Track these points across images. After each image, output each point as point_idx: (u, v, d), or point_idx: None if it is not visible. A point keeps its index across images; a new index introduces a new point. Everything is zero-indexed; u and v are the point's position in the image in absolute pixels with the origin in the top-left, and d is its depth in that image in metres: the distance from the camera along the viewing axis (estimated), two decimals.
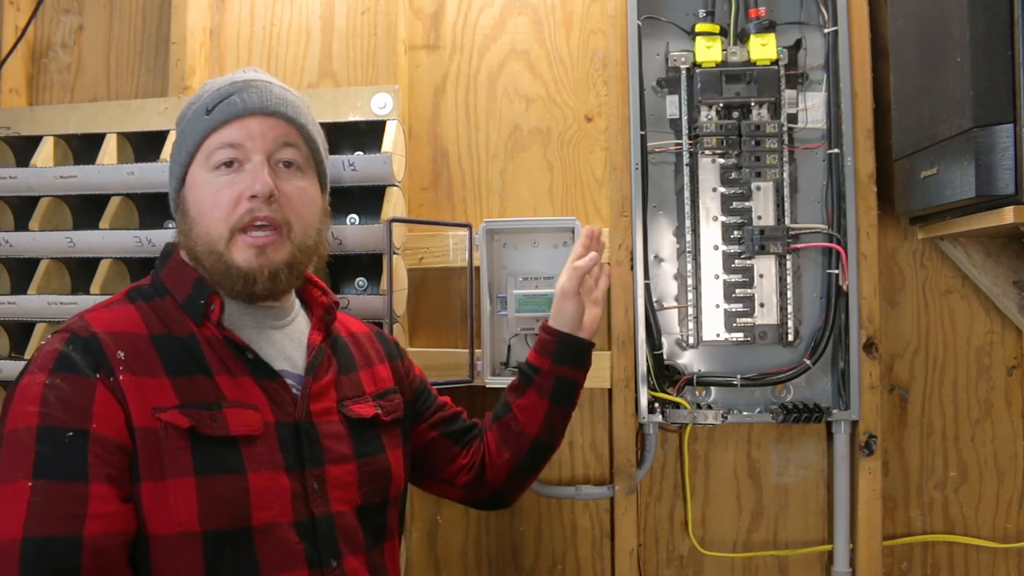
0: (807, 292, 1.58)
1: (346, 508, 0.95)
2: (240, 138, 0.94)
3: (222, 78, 1.02)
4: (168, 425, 0.85)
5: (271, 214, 0.93)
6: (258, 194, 0.92)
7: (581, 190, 1.68)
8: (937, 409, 1.62)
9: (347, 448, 0.98)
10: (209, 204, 0.94)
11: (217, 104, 0.95)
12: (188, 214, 0.96)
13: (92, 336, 0.87)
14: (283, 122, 0.97)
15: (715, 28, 1.57)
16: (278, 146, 0.96)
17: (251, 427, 0.89)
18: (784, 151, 1.56)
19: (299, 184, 0.98)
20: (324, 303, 1.06)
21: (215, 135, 0.95)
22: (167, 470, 0.84)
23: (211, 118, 0.95)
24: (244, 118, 0.95)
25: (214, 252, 0.93)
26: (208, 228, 0.93)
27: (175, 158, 0.99)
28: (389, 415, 1.06)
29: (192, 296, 0.94)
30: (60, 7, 1.82)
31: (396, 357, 1.16)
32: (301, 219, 0.97)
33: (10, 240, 1.53)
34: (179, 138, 0.99)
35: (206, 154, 0.95)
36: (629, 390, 1.57)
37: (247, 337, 0.96)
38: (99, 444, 0.81)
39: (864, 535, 1.53)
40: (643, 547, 1.63)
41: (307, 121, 1.01)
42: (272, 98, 0.97)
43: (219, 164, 0.94)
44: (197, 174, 0.96)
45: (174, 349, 0.91)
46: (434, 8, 1.72)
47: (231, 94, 0.96)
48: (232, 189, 0.93)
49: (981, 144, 1.24)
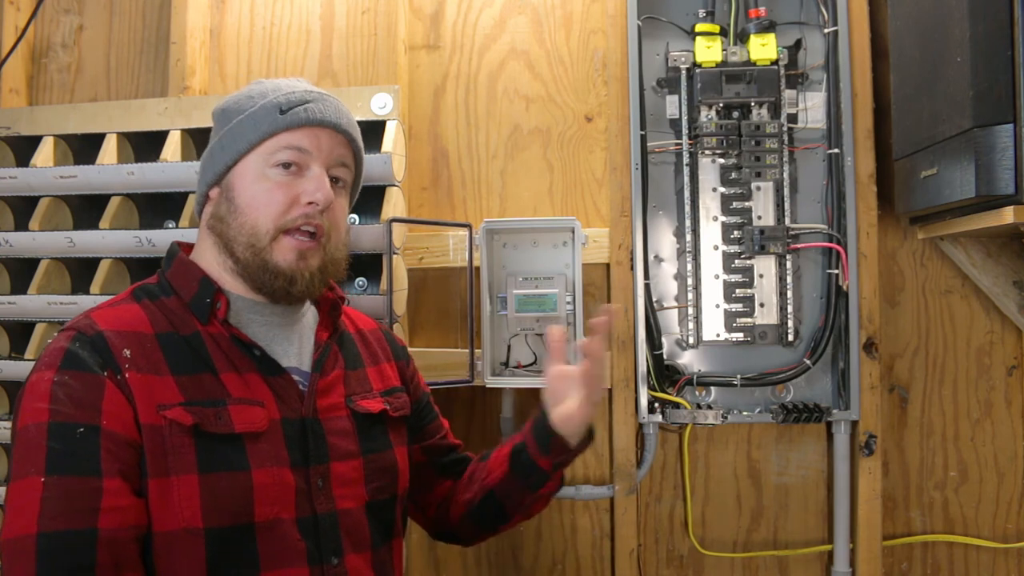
0: (807, 292, 1.58)
1: (353, 505, 0.96)
2: (309, 145, 0.96)
3: (284, 81, 1.02)
4: (172, 422, 0.85)
5: (321, 223, 0.96)
6: (319, 202, 0.95)
7: (581, 190, 1.68)
8: (937, 409, 1.62)
9: (353, 445, 0.98)
10: (263, 198, 0.95)
11: (294, 106, 0.97)
12: (234, 202, 0.96)
13: (98, 334, 0.88)
14: (346, 142, 1.01)
15: (715, 28, 1.57)
16: (336, 163, 1.00)
17: (256, 424, 0.90)
18: (784, 151, 1.56)
19: (342, 202, 1.02)
20: (331, 299, 1.06)
21: (285, 135, 0.96)
22: (171, 467, 0.84)
23: (286, 118, 0.96)
24: (317, 127, 0.97)
25: (255, 246, 0.94)
26: (256, 221, 0.94)
27: (229, 144, 0.98)
28: (397, 411, 1.07)
29: (198, 295, 0.95)
30: (60, 7, 1.82)
31: (403, 359, 1.16)
32: (338, 233, 1.00)
33: (10, 240, 1.53)
34: (238, 127, 0.98)
35: (270, 150, 0.96)
36: (629, 390, 1.57)
37: (254, 334, 0.96)
38: (110, 440, 0.82)
39: (864, 535, 1.53)
40: (643, 547, 1.63)
41: (361, 146, 1.05)
42: (344, 117, 1.01)
43: (279, 163, 0.96)
44: (253, 166, 0.96)
45: (179, 347, 0.91)
46: (434, 8, 1.72)
47: (308, 101, 0.98)
48: (288, 190, 0.95)
49: (981, 144, 1.24)
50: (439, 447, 1.18)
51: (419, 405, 1.16)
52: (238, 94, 1.02)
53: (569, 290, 1.54)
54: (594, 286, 1.64)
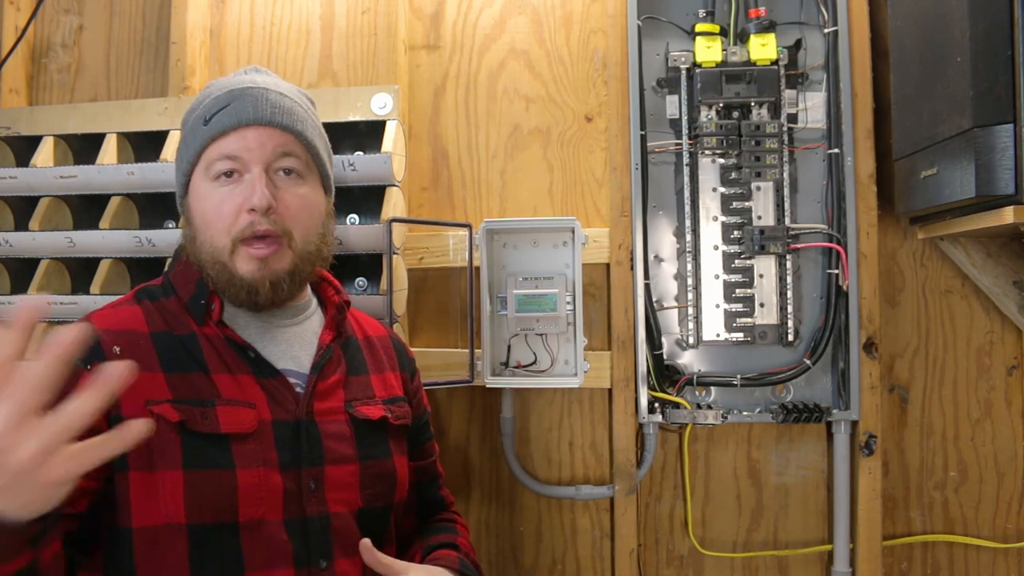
0: (807, 292, 1.58)
1: (345, 510, 0.95)
2: (237, 149, 0.94)
3: (224, 80, 1.01)
4: (160, 418, 0.86)
5: (271, 227, 0.93)
6: (256, 207, 0.92)
7: (581, 190, 1.68)
8: (937, 409, 1.62)
9: (349, 449, 0.97)
10: (212, 215, 0.94)
11: (214, 114, 0.95)
12: (193, 222, 0.97)
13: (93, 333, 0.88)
14: (280, 131, 0.96)
15: (715, 28, 1.57)
16: (276, 156, 0.96)
17: (243, 425, 0.90)
18: (784, 151, 1.56)
19: (299, 191, 0.97)
20: (336, 302, 1.06)
21: (213, 146, 0.95)
22: (156, 462, 0.85)
23: (209, 128, 0.95)
24: (240, 129, 0.94)
25: (219, 262, 0.94)
26: (212, 238, 0.94)
27: (179, 165, 1.00)
28: (398, 420, 1.05)
29: (195, 296, 0.96)
30: (60, 7, 1.82)
31: (408, 371, 1.15)
32: (302, 227, 0.97)
33: (10, 240, 1.53)
34: (181, 144, 1.00)
35: (206, 164, 0.95)
36: (629, 390, 1.57)
37: (251, 336, 0.97)
38: None
39: (864, 535, 1.53)
40: (643, 547, 1.63)
41: (305, 127, 0.99)
42: (267, 107, 0.96)
43: (219, 174, 0.94)
44: (199, 183, 0.96)
45: (173, 346, 0.92)
46: (434, 8, 1.72)
47: (228, 104, 0.95)
48: (232, 200, 0.93)
49: (981, 144, 1.24)
50: (428, 471, 1.16)
51: (419, 422, 1.14)
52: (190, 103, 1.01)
53: (569, 290, 1.54)
54: (594, 286, 1.64)
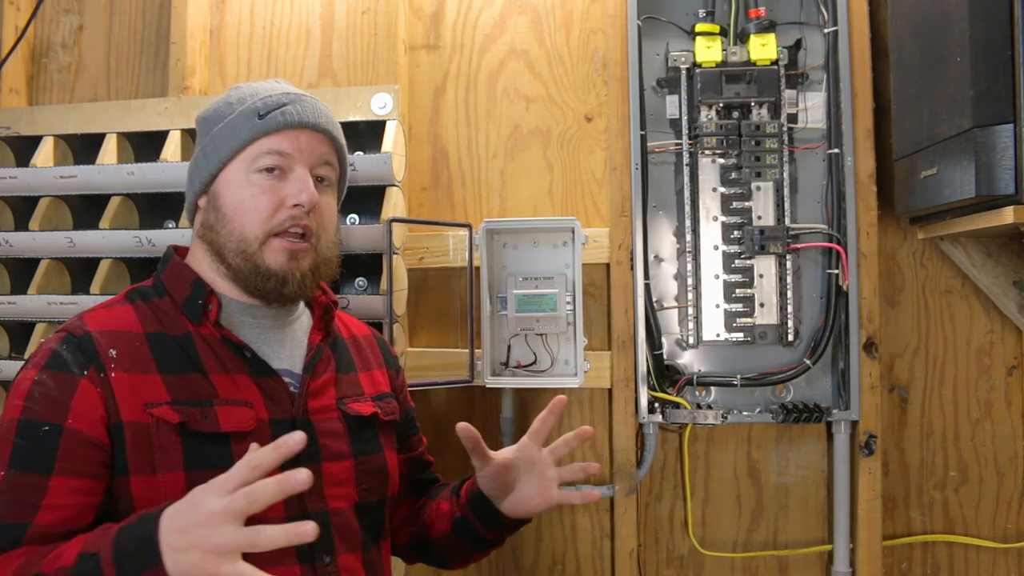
0: (807, 292, 1.58)
1: (344, 505, 0.97)
2: (290, 148, 0.97)
3: (263, 84, 1.03)
4: (159, 420, 0.87)
5: (309, 223, 0.97)
6: (304, 204, 0.95)
7: (581, 190, 1.68)
8: (937, 409, 1.62)
9: (344, 446, 0.99)
10: (249, 204, 0.95)
11: (272, 111, 0.97)
12: (221, 210, 0.97)
13: (86, 335, 0.90)
14: (327, 140, 1.01)
15: (715, 28, 1.57)
16: (319, 162, 1.00)
17: (243, 424, 0.91)
18: (784, 151, 1.56)
19: (328, 200, 1.02)
20: (324, 303, 1.07)
21: (265, 140, 0.96)
22: (158, 464, 0.86)
23: (264, 123, 0.96)
24: (296, 129, 0.97)
25: (245, 252, 0.95)
26: (243, 227, 0.95)
27: (211, 153, 0.99)
28: (387, 416, 1.07)
29: (190, 297, 0.96)
30: (60, 7, 1.82)
31: (393, 369, 1.17)
32: (327, 232, 1.01)
33: (10, 240, 1.53)
34: (219, 135, 0.99)
35: (252, 156, 0.96)
36: (629, 390, 1.57)
37: (246, 336, 0.97)
38: (72, 439, 0.85)
39: (864, 535, 1.53)
40: (643, 547, 1.63)
41: (343, 142, 1.06)
42: (322, 115, 1.01)
43: (262, 168, 0.96)
44: (236, 173, 0.97)
45: (169, 347, 0.93)
46: (434, 8, 1.72)
47: (285, 104, 0.98)
48: (273, 195, 0.96)
49: (981, 144, 1.24)
50: (418, 461, 1.20)
51: (406, 417, 1.17)
52: (218, 101, 1.02)
53: (569, 290, 1.54)
54: (594, 286, 1.64)
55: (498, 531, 1.08)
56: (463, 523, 1.08)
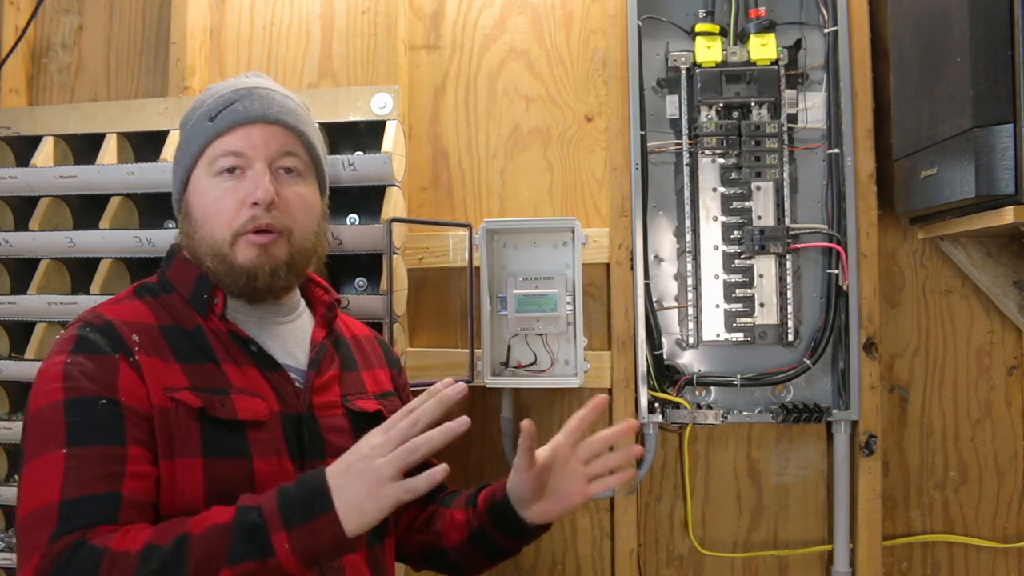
0: (807, 292, 1.58)
1: None
2: (242, 146, 0.96)
3: (225, 83, 1.03)
4: (180, 404, 0.87)
5: (272, 221, 0.95)
6: (260, 201, 0.94)
7: (581, 190, 1.68)
8: (937, 409, 1.62)
9: (348, 442, 0.98)
10: (213, 209, 0.96)
11: (220, 111, 0.97)
12: (192, 217, 0.98)
13: (107, 323, 0.90)
14: (284, 130, 0.99)
15: (715, 28, 1.57)
16: (279, 154, 0.98)
17: (258, 413, 0.91)
18: (784, 151, 1.56)
19: (299, 190, 1.00)
20: (326, 301, 1.08)
21: (218, 142, 0.97)
22: (176, 450, 0.86)
23: (214, 125, 0.97)
24: (246, 126, 0.97)
25: (218, 254, 0.95)
26: (212, 231, 0.96)
27: (179, 161, 1.01)
28: (391, 413, 1.07)
29: (196, 291, 0.97)
30: (60, 7, 1.82)
31: (395, 368, 1.17)
32: (300, 224, 0.99)
33: (10, 240, 1.53)
34: (183, 142, 1.01)
35: (209, 160, 0.97)
36: (629, 390, 1.57)
37: (251, 331, 0.98)
38: (131, 412, 0.84)
39: (864, 535, 1.53)
40: (643, 547, 1.63)
41: (307, 128, 1.03)
42: (274, 106, 0.99)
43: (222, 170, 0.96)
44: (200, 179, 0.98)
45: (183, 339, 0.94)
46: (434, 8, 1.72)
47: (234, 101, 0.98)
48: (235, 195, 0.95)
49: (981, 144, 1.24)
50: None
51: None
52: (191, 104, 1.03)
53: (569, 290, 1.54)
54: (594, 286, 1.64)
55: (518, 540, 1.05)
56: (480, 533, 1.05)
